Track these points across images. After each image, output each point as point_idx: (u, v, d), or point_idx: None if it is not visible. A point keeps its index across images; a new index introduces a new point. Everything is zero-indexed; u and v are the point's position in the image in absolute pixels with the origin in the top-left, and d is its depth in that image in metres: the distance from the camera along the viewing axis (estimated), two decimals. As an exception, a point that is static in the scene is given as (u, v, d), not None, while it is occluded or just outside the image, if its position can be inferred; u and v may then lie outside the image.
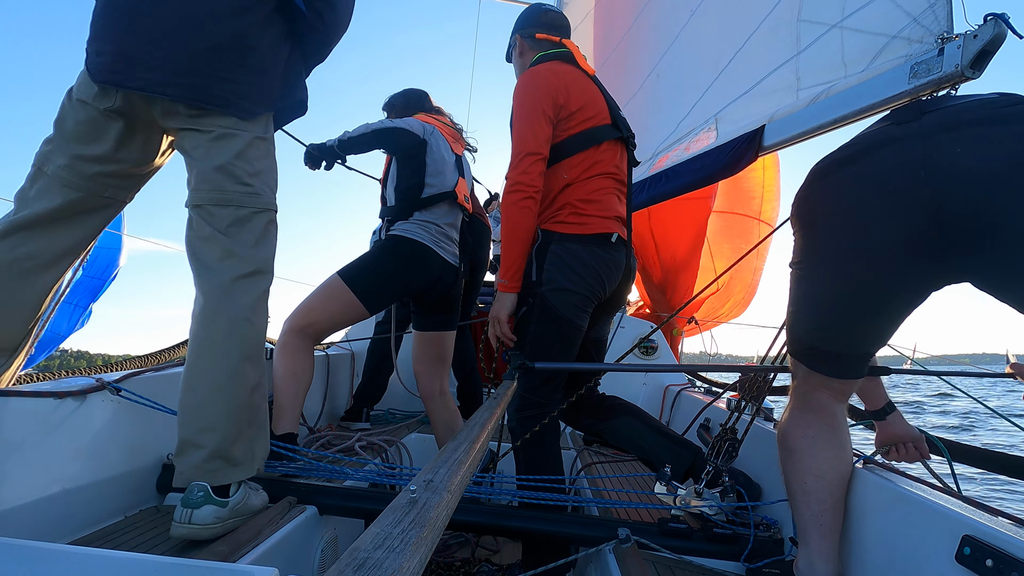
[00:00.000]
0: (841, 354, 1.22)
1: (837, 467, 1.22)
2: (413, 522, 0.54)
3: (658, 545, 1.36)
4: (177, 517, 1.24)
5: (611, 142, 1.80)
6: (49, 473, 1.27)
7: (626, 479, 2.08)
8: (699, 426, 2.29)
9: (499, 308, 1.75)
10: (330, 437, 2.38)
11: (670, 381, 3.26)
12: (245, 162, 1.35)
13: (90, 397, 1.40)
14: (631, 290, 1.93)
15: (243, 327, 1.32)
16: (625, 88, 3.55)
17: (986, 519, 1.00)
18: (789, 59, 1.88)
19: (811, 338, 1.23)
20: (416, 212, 2.21)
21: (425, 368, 2.36)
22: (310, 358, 2.06)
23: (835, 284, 1.16)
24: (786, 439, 1.27)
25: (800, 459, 1.24)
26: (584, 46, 4.46)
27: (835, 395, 1.25)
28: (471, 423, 1.00)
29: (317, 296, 2.10)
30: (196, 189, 1.34)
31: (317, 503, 1.53)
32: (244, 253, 1.33)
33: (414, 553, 0.48)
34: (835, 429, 1.24)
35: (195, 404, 1.28)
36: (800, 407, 1.28)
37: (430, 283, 2.22)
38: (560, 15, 1.99)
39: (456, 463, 0.74)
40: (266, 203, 1.38)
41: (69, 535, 1.28)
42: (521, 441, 1.70)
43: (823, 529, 1.20)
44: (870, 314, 1.16)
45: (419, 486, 0.64)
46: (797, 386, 1.30)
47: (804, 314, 1.24)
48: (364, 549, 0.48)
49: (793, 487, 1.25)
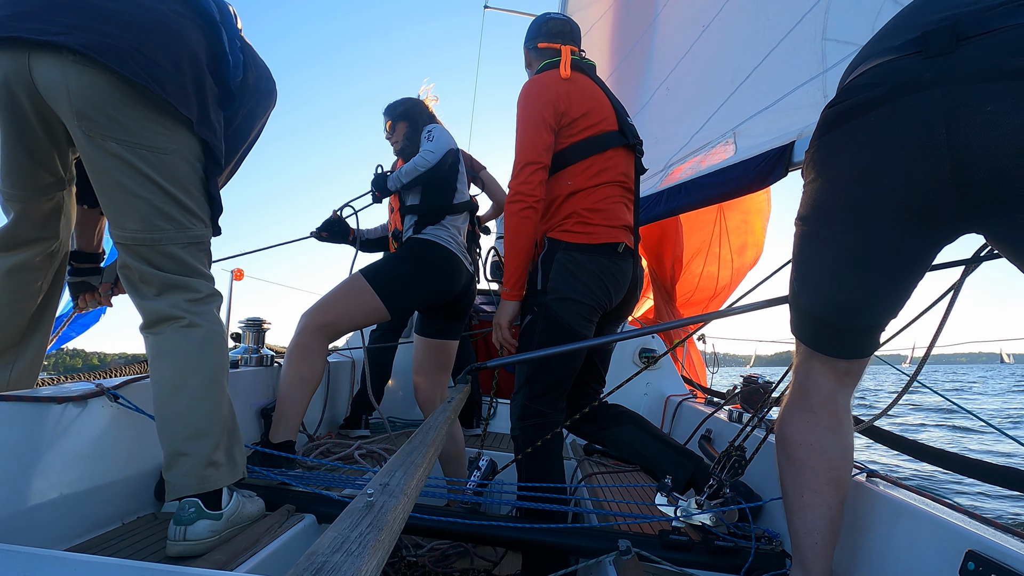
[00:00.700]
0: (851, 326, 1.10)
1: (837, 482, 1.14)
2: (371, 525, 0.54)
3: (659, 557, 1.35)
4: (171, 535, 1.23)
5: (618, 149, 1.80)
6: (47, 478, 1.27)
7: (627, 490, 2.07)
8: (700, 437, 2.28)
9: (501, 315, 1.76)
10: (329, 445, 2.37)
11: (671, 391, 3.25)
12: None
13: (90, 403, 1.39)
14: (638, 300, 1.93)
15: (217, 338, 1.35)
16: (634, 100, 3.58)
17: (990, 534, 0.99)
18: (815, 76, 1.90)
19: (818, 307, 1.11)
20: (447, 216, 2.16)
21: (426, 377, 2.32)
22: (322, 361, 2.00)
23: (849, 246, 1.04)
24: (785, 444, 1.18)
25: (799, 470, 1.15)
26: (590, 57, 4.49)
27: (839, 380, 1.14)
28: (426, 426, 1.01)
29: (338, 295, 2.02)
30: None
31: (315, 511, 1.52)
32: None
33: (372, 556, 0.49)
34: (837, 432, 1.13)
35: (179, 413, 1.27)
36: (800, 401, 1.17)
37: (456, 293, 2.17)
38: (564, 21, 1.99)
39: (412, 466, 0.74)
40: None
41: (66, 541, 1.27)
42: (523, 451, 1.70)
43: (818, 548, 1.13)
44: (892, 283, 1.05)
45: (376, 489, 0.64)
46: (797, 369, 1.18)
47: (811, 278, 1.12)
48: (322, 553, 0.48)
49: (790, 497, 1.18)
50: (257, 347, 2.32)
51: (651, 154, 3.22)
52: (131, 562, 0.84)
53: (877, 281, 1.05)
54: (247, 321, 2.34)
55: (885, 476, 1.36)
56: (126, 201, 1.25)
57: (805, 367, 1.17)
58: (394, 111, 2.32)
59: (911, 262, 1.03)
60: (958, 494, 6.13)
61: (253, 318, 2.34)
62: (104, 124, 1.20)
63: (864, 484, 1.33)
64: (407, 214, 2.21)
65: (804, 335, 1.16)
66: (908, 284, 1.06)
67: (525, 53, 2.02)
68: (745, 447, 1.55)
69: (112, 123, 1.20)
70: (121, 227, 1.28)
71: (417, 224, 2.16)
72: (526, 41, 2.01)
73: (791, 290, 1.18)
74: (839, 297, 1.09)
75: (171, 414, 1.27)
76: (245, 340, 2.33)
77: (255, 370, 2.22)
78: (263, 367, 2.28)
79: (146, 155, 1.24)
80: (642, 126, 3.50)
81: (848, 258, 1.05)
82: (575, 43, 1.96)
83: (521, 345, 1.75)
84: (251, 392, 2.16)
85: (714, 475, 1.58)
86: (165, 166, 1.27)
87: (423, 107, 2.36)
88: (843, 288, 1.07)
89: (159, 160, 1.26)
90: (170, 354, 1.29)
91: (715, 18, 2.66)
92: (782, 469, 1.20)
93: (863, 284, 1.06)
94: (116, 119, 1.20)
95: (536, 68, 1.92)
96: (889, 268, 1.04)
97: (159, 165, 1.26)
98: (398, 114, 2.32)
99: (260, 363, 2.28)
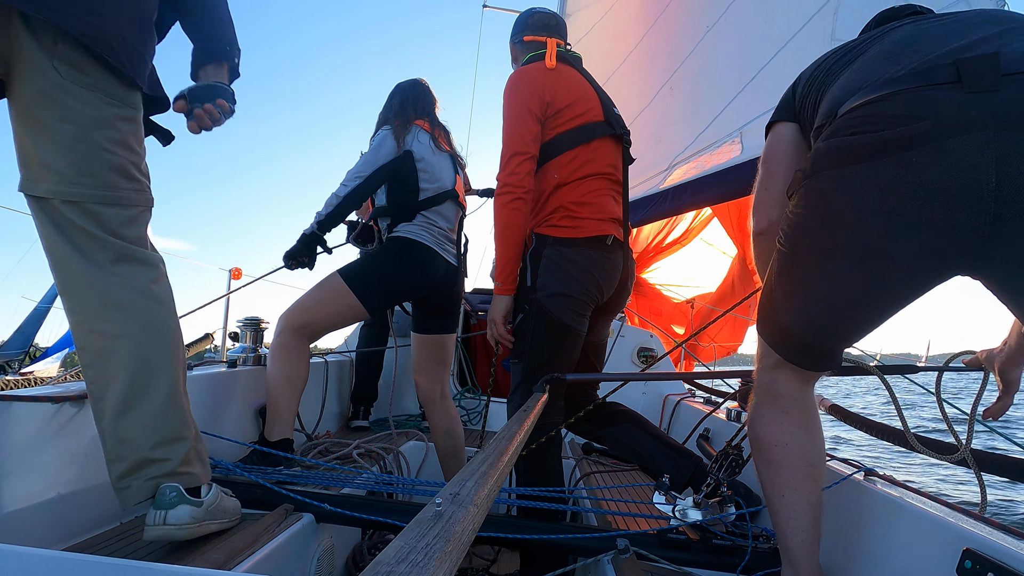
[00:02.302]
0: (831, 349, 1.11)
1: (814, 478, 1.14)
2: (438, 536, 0.53)
3: (657, 556, 1.35)
4: (150, 520, 1.17)
5: (604, 139, 1.79)
6: (45, 478, 1.26)
7: (625, 489, 2.07)
8: (699, 436, 2.28)
9: (495, 311, 1.75)
10: (328, 444, 2.37)
11: (669, 391, 3.25)
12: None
13: (88, 402, 1.39)
14: (631, 293, 1.92)
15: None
16: (636, 99, 3.58)
17: (987, 532, 1.00)
18: (824, 77, 1.91)
19: (800, 328, 1.10)
20: (420, 213, 2.17)
21: (425, 374, 2.33)
22: (306, 359, 2.03)
23: (854, 282, 1.01)
24: (760, 447, 1.17)
25: (777, 471, 1.14)
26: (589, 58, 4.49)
27: (804, 381, 1.15)
28: (500, 435, 0.99)
29: (314, 295, 2.05)
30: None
31: (314, 511, 1.52)
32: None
33: (438, 568, 0.47)
34: (810, 430, 1.14)
35: (146, 419, 1.18)
36: (771, 402, 1.16)
37: (433, 286, 2.20)
38: (549, 15, 1.98)
39: (483, 476, 0.72)
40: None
41: (64, 540, 1.27)
42: (521, 451, 1.70)
43: (804, 545, 1.13)
44: (882, 314, 1.05)
45: (445, 499, 0.62)
46: (764, 372, 1.18)
47: (799, 300, 1.09)
48: (387, 563, 0.47)
49: (771, 497, 1.16)
50: (255, 346, 2.31)
51: (655, 153, 3.22)
52: (129, 562, 0.84)
53: (872, 315, 1.05)
54: (245, 320, 2.33)
55: (883, 475, 1.36)
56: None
57: (772, 372, 1.17)
58: (395, 93, 2.32)
59: (909, 298, 1.03)
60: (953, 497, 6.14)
61: (251, 317, 2.34)
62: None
63: (862, 483, 1.33)
64: (378, 216, 2.25)
65: (778, 346, 1.14)
66: (894, 314, 1.07)
67: (511, 48, 2.00)
68: (743, 446, 1.55)
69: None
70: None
71: (391, 224, 2.19)
72: (512, 36, 2.00)
73: (769, 301, 1.16)
74: (826, 323, 1.08)
75: (135, 421, 1.18)
76: (243, 339, 2.32)
77: (253, 369, 2.22)
78: (261, 366, 2.27)
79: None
80: (645, 126, 3.50)
81: (850, 293, 1.03)
82: (561, 36, 1.94)
83: (515, 343, 1.75)
84: (249, 391, 2.16)
85: (712, 474, 1.58)
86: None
87: (416, 105, 2.29)
88: (835, 318, 1.07)
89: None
90: (134, 349, 1.17)
91: (720, 18, 2.67)
92: (760, 470, 1.19)
93: (857, 317, 1.06)
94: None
95: (522, 61, 1.91)
96: (887, 303, 1.04)
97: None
98: (395, 98, 2.31)
99: (258, 362, 2.28)
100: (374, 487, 1.81)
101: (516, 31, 1.99)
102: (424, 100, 2.32)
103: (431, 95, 2.35)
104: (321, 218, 2.11)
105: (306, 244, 2.13)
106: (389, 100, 2.32)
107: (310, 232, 2.12)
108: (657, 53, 3.47)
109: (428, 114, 2.31)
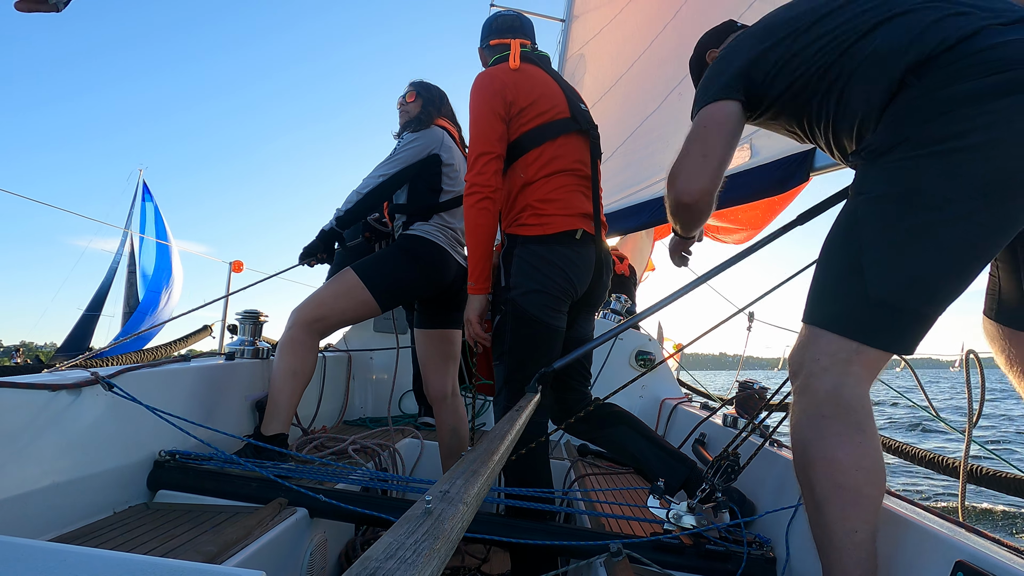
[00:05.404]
0: (929, 316, 0.97)
1: (880, 510, 0.99)
2: (427, 533, 0.53)
3: (649, 560, 1.35)
4: None
5: (571, 135, 1.78)
6: (39, 466, 1.26)
7: (620, 492, 2.07)
8: (694, 441, 2.28)
9: (469, 310, 1.76)
10: (323, 439, 2.37)
11: (666, 395, 3.26)
12: None
13: (84, 391, 1.39)
14: (608, 286, 1.92)
15: None
16: (643, 105, 3.58)
17: (980, 544, 0.99)
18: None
19: (901, 293, 0.96)
20: (437, 213, 2.17)
21: (435, 370, 2.32)
22: (313, 355, 2.03)
23: (985, 231, 0.93)
24: (834, 470, 0.96)
25: (855, 501, 0.95)
26: (596, 60, 4.48)
27: (870, 383, 1.01)
28: (491, 434, 0.99)
29: (329, 290, 2.06)
30: None
31: (308, 505, 1.52)
32: None
33: (426, 565, 0.47)
34: (877, 447, 0.99)
35: None
36: (841, 416, 0.97)
37: (445, 287, 2.20)
38: (513, 17, 1.99)
39: (473, 474, 0.72)
40: None
41: (56, 529, 1.27)
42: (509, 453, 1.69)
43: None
44: (980, 269, 0.97)
45: (435, 496, 0.63)
46: (825, 374, 1.00)
47: (910, 260, 0.96)
48: (376, 559, 0.47)
49: (837, 534, 0.96)
50: (253, 339, 2.31)
51: (661, 157, 3.21)
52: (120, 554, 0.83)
53: (981, 268, 0.97)
54: (244, 313, 2.33)
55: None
56: None
57: (840, 374, 0.99)
58: (422, 88, 2.32)
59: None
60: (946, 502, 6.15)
61: (250, 310, 2.34)
62: None
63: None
64: (395, 212, 2.25)
65: (859, 328, 0.98)
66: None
67: (480, 54, 2.00)
68: (739, 453, 1.55)
69: None
70: None
71: (407, 222, 2.19)
72: (480, 42, 2.01)
73: (846, 278, 1.01)
74: (940, 283, 0.95)
75: None
76: (242, 332, 2.32)
77: (251, 362, 2.22)
78: (259, 359, 2.27)
79: None
80: (652, 130, 3.49)
81: (979, 243, 0.94)
82: (526, 37, 1.95)
83: (494, 345, 1.75)
84: (247, 384, 2.16)
85: (707, 480, 1.58)
86: None
87: (440, 105, 2.31)
88: (957, 273, 0.95)
89: None
90: None
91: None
92: (825, 500, 0.98)
93: (974, 271, 0.96)
94: None
95: (488, 64, 1.91)
96: (992, 256, 0.97)
97: None
98: (423, 94, 2.31)
99: (256, 355, 2.28)
100: (368, 483, 1.81)
101: (483, 36, 2.00)
102: (446, 101, 2.34)
103: (447, 97, 2.37)
104: (340, 214, 2.11)
105: (324, 241, 2.14)
106: (417, 98, 2.30)
107: (328, 228, 2.14)
108: (666, 59, 3.46)
109: (450, 116, 2.33)
